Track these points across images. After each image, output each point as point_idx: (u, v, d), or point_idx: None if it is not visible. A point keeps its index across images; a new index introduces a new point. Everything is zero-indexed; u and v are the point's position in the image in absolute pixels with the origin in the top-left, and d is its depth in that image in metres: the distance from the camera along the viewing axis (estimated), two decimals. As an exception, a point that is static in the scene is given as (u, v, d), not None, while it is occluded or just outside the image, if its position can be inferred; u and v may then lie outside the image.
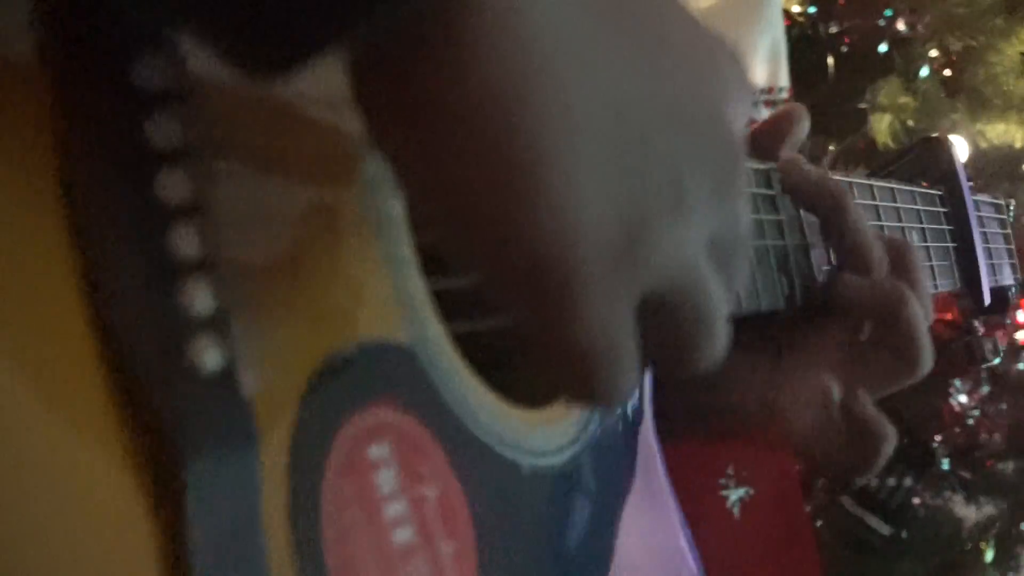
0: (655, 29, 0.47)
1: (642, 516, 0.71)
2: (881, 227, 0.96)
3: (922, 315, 0.81)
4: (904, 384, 0.82)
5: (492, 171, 0.42)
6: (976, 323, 2.13)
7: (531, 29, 0.41)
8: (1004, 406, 2.24)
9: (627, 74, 0.45)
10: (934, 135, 1.13)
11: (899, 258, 0.84)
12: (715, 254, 0.50)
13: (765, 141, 0.88)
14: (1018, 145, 2.35)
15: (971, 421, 2.16)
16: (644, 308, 0.47)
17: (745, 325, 0.77)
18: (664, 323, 0.49)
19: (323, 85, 0.45)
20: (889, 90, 2.06)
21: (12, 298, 0.40)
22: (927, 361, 0.81)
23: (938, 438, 2.15)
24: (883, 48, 2.17)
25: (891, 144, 2.01)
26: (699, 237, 0.49)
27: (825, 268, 0.86)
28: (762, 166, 0.85)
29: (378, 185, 0.55)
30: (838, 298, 0.82)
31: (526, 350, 0.47)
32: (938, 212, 1.07)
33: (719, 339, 0.51)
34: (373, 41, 0.40)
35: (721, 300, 0.51)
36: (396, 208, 0.56)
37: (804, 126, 0.89)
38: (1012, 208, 1.34)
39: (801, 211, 0.86)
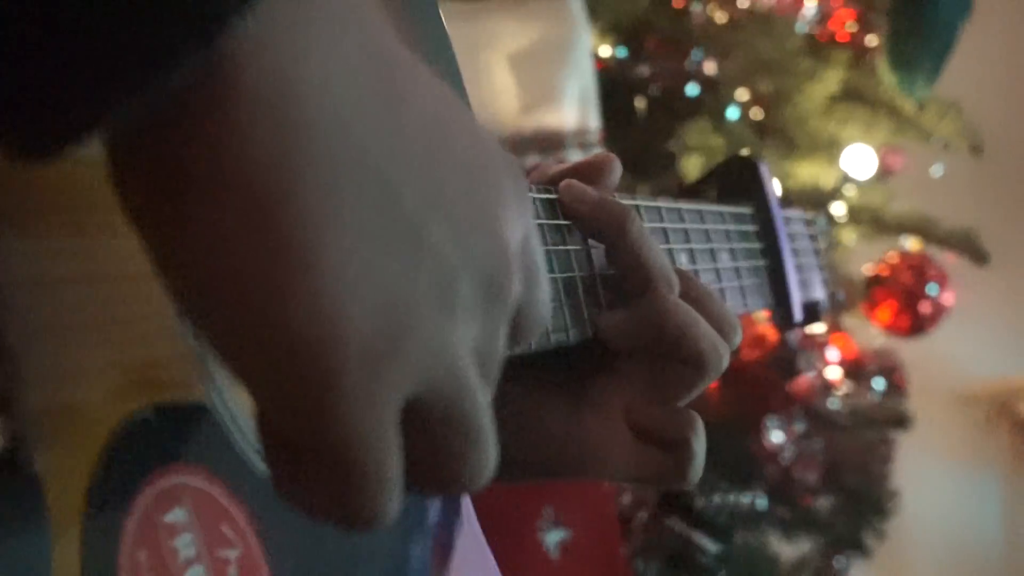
0: (437, 126, 0.46)
1: (471, 562, 0.71)
2: (691, 250, 0.96)
3: (689, 315, 0.78)
4: (707, 382, 0.79)
5: (249, 253, 0.40)
6: (791, 338, 2.18)
7: (301, 105, 0.40)
8: (819, 443, 2.29)
9: (402, 163, 0.43)
10: (740, 154, 1.14)
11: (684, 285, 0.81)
12: (479, 359, 0.49)
13: (576, 175, 0.82)
14: (826, 186, 2.41)
15: (786, 458, 2.19)
16: (406, 420, 0.45)
17: (540, 365, 0.78)
18: (429, 433, 0.47)
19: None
20: (698, 131, 2.09)
21: None
22: (717, 356, 0.78)
23: (751, 469, 2.19)
24: (692, 90, 2.20)
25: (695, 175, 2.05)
26: (466, 341, 0.47)
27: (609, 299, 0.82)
28: (550, 195, 0.80)
29: None
30: (609, 336, 0.79)
31: (292, 474, 0.45)
32: (748, 230, 1.08)
33: (487, 452, 0.49)
34: (132, 121, 0.38)
35: (484, 404, 0.49)
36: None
37: (615, 177, 0.85)
38: (821, 222, 1.36)
39: (589, 240, 0.81)
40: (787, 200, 1.20)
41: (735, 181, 1.10)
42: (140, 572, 0.48)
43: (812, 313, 1.16)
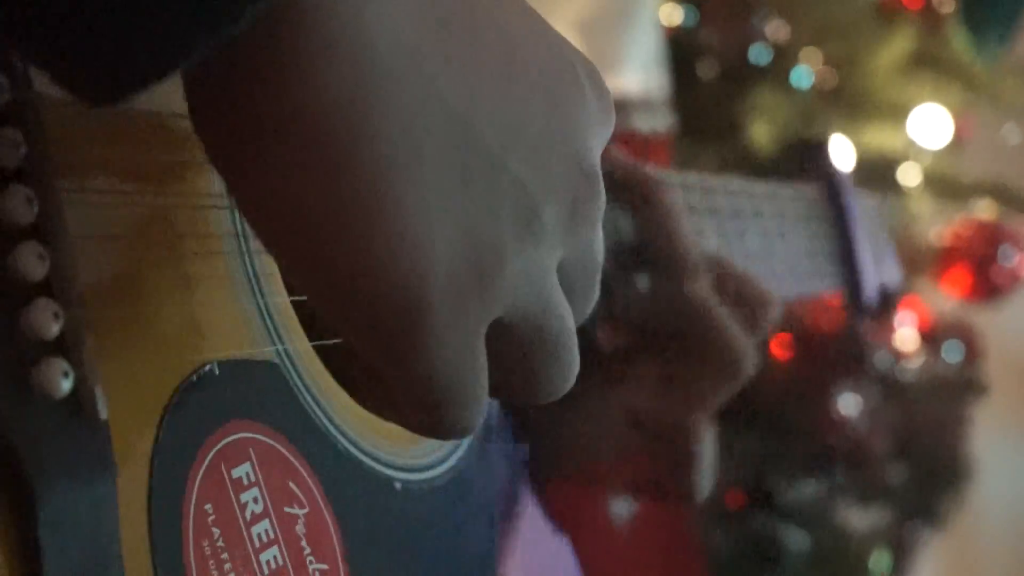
0: (510, 47, 0.45)
1: (538, 529, 0.71)
2: (744, 230, 0.95)
3: (712, 309, 0.72)
4: (725, 390, 0.72)
5: (329, 197, 0.40)
6: (861, 325, 2.16)
7: (375, 44, 0.40)
8: (892, 412, 2.27)
9: (477, 95, 0.43)
10: (810, 137, 1.15)
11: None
12: (566, 279, 0.49)
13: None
14: (895, 151, 2.38)
15: (859, 428, 2.18)
16: (491, 336, 0.46)
17: None
18: (512, 351, 0.48)
19: (166, 100, 0.44)
20: (765, 97, 2.08)
21: None
22: (738, 360, 0.72)
23: (827, 446, 2.17)
24: (759, 56, 2.18)
25: (769, 152, 2.03)
26: (550, 263, 0.47)
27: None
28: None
29: None
30: (633, 317, 0.74)
31: (372, 380, 0.46)
32: (817, 212, 1.08)
33: (569, 366, 0.50)
34: (207, 63, 0.38)
35: (571, 327, 0.49)
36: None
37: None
38: (893, 203, 1.35)
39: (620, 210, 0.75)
40: (858, 177, 1.19)
41: (805, 161, 1.10)
42: (207, 525, 0.48)
43: (886, 296, 1.15)
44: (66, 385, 0.42)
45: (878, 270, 1.14)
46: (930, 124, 2.41)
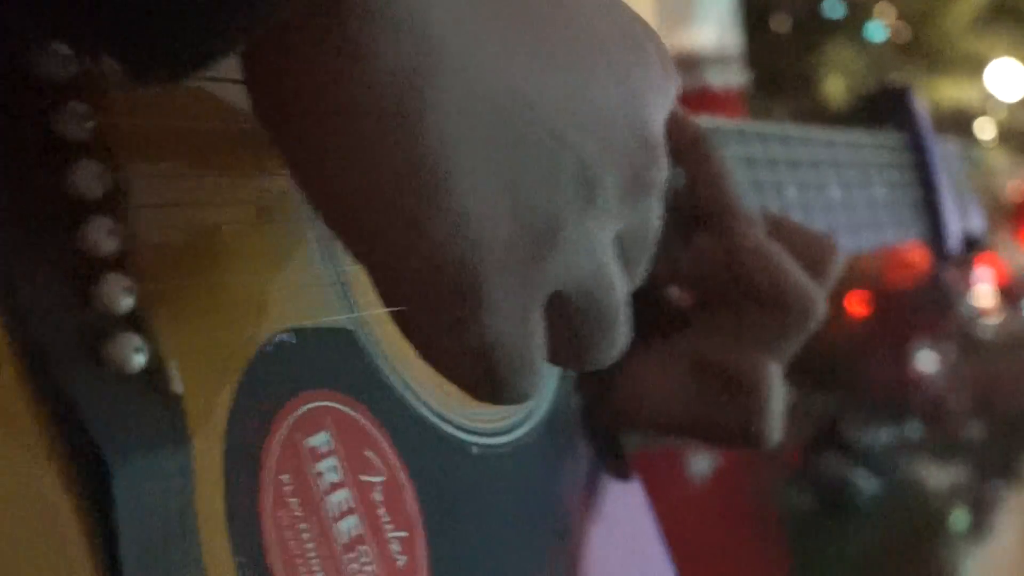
0: (571, 18, 0.45)
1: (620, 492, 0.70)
2: (838, 178, 0.94)
3: (774, 254, 0.70)
4: (793, 338, 0.70)
5: (387, 171, 0.40)
6: (945, 274, 2.14)
7: (431, 18, 0.40)
8: (970, 369, 2.26)
9: (537, 69, 0.43)
10: (892, 84, 1.14)
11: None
12: (622, 248, 0.49)
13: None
14: (971, 105, 2.36)
15: (937, 384, 2.17)
16: (549, 305, 0.46)
17: None
18: (565, 320, 0.47)
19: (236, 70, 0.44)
20: (839, 50, 2.06)
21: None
22: (806, 305, 0.69)
23: (905, 401, 2.16)
24: (833, 8, 2.17)
25: (842, 105, 2.02)
26: (608, 234, 0.47)
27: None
28: None
29: None
30: (690, 270, 0.72)
31: (431, 345, 0.46)
32: (900, 159, 1.06)
33: (621, 335, 0.50)
34: (266, 38, 0.38)
35: (624, 296, 0.49)
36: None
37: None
38: (977, 152, 1.33)
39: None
40: (941, 128, 1.18)
41: (885, 110, 1.09)
42: (283, 495, 0.48)
43: (969, 243, 1.13)
44: (139, 360, 0.42)
45: (962, 217, 1.13)
46: (1006, 78, 2.38)
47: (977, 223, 1.19)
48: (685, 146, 0.71)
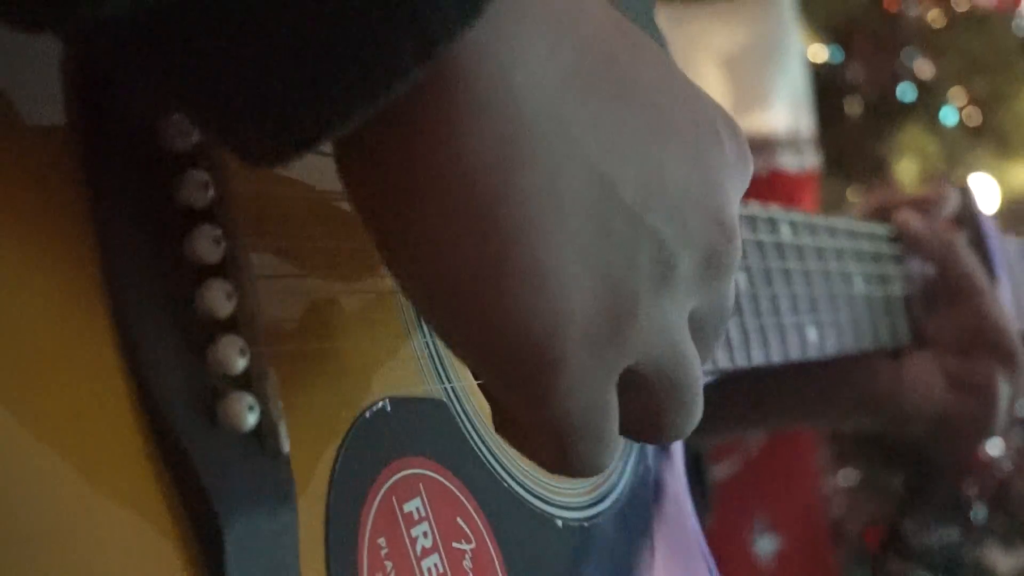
0: (651, 104, 0.46)
1: (674, 573, 0.71)
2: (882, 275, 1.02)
3: (1010, 319, 1.03)
4: (1010, 371, 1.02)
5: (473, 253, 0.41)
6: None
7: (520, 107, 0.41)
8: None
9: (618, 151, 0.44)
10: (955, 179, 1.21)
11: None
12: (696, 326, 0.50)
13: (908, 206, 1.07)
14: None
15: (1004, 469, 2.14)
16: (624, 381, 0.47)
17: None
18: (643, 396, 0.49)
19: None
20: (912, 134, 2.06)
21: (48, 365, 0.40)
22: (1019, 356, 1.02)
23: (972, 489, 2.14)
24: (906, 92, 2.16)
25: (916, 189, 2.01)
26: (683, 313, 0.48)
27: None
28: (887, 231, 1.01)
29: None
30: (936, 336, 1.04)
31: (514, 425, 0.47)
32: None
33: (694, 410, 0.51)
34: (362, 125, 0.39)
35: (698, 373, 0.50)
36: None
37: (951, 208, 1.10)
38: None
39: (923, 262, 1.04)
40: (1005, 215, 1.28)
41: (949, 208, 1.11)
42: (380, 558, 0.49)
43: None
44: (252, 419, 0.44)
45: (1021, 317, 1.14)
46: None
47: None
48: (941, 247, 1.04)
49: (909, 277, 1.03)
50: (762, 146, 1.73)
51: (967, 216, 1.12)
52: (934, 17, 2.22)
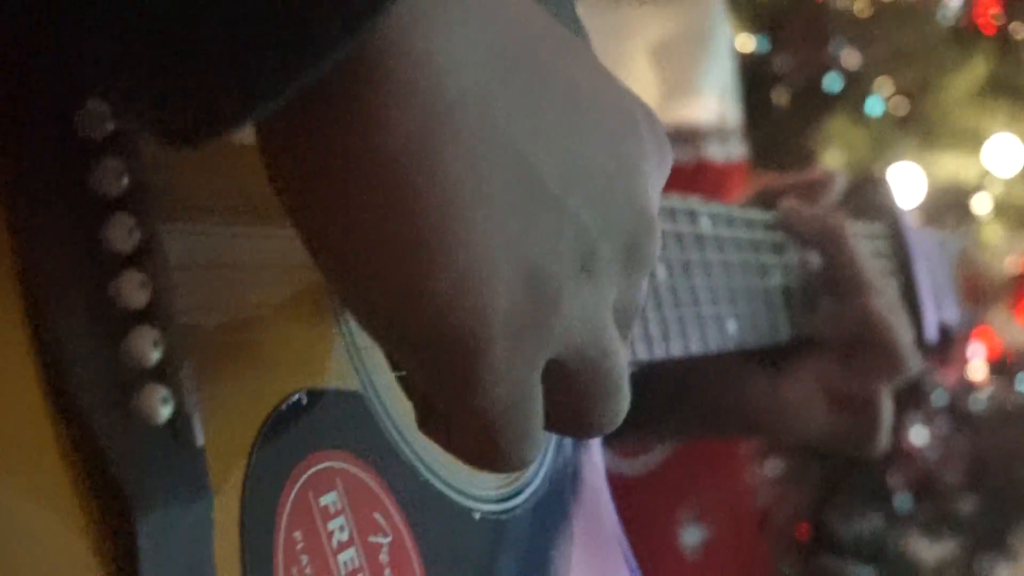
0: (573, 94, 0.46)
1: (591, 564, 0.71)
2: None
3: (896, 320, 0.95)
4: (897, 382, 0.95)
5: (395, 235, 0.41)
6: (922, 363, 2.14)
7: (443, 88, 0.41)
8: (962, 442, 2.25)
9: (540, 137, 0.44)
10: (871, 175, 1.19)
11: None
12: (618, 318, 0.50)
13: (788, 191, 1.00)
14: (968, 179, 2.36)
15: (929, 458, 2.16)
16: (548, 373, 0.47)
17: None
18: (568, 388, 0.48)
19: None
20: (839, 124, 2.07)
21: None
22: (911, 361, 0.95)
23: (897, 479, 2.16)
24: (833, 83, 2.18)
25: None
26: (606, 303, 0.48)
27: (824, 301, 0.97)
28: (754, 215, 0.93)
29: None
30: (823, 331, 0.96)
31: (438, 421, 0.47)
32: (881, 249, 1.08)
33: (620, 402, 0.51)
34: (281, 106, 0.39)
35: (623, 364, 0.50)
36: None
37: (836, 193, 1.02)
38: (961, 244, 1.35)
39: (808, 252, 0.97)
40: (931, 206, 1.25)
41: (866, 200, 1.11)
42: (296, 551, 0.49)
43: (945, 334, 1.16)
44: (166, 412, 0.43)
45: (938, 309, 1.15)
46: (1003, 153, 2.39)
47: (952, 314, 1.21)
48: (825, 234, 0.95)
49: (788, 267, 0.97)
50: (689, 136, 1.74)
51: (884, 208, 1.12)
52: (861, 7, 2.23)
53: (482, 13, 0.42)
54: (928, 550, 2.39)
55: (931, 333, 1.11)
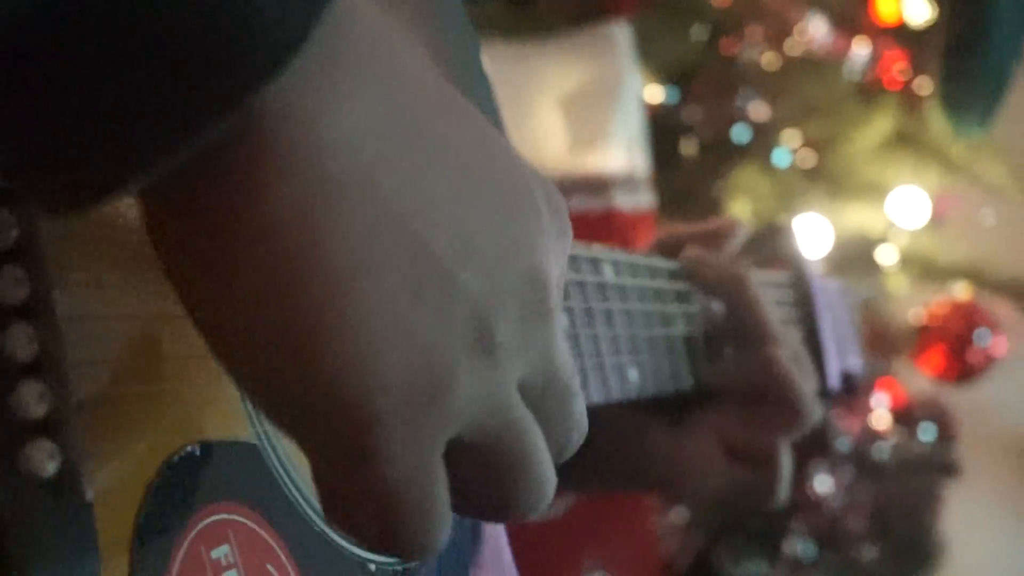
0: (466, 164, 0.46)
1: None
2: None
3: (797, 373, 0.91)
4: (797, 435, 0.92)
5: (279, 314, 0.41)
6: (825, 411, 2.16)
7: (329, 163, 0.40)
8: (866, 491, 2.27)
9: (432, 212, 0.43)
10: (776, 222, 1.18)
11: None
12: (532, 398, 0.49)
13: (691, 241, 0.97)
14: (875, 231, 2.39)
15: (834, 506, 2.18)
16: (455, 452, 0.46)
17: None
18: (474, 469, 0.47)
19: None
20: (746, 176, 2.09)
21: None
22: (812, 414, 0.92)
23: (800, 527, 2.17)
24: (741, 134, 2.20)
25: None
26: (508, 380, 0.47)
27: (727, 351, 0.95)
28: (659, 262, 0.91)
29: None
30: (724, 382, 0.94)
31: (339, 506, 0.46)
32: (785, 298, 1.09)
33: (538, 485, 0.49)
34: (161, 176, 0.38)
35: (536, 444, 0.49)
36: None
37: (739, 241, 0.99)
38: (863, 296, 1.37)
39: (711, 301, 0.95)
40: (837, 256, 1.24)
41: (771, 248, 1.12)
42: None
43: (848, 382, 1.17)
44: (52, 466, 0.43)
45: (841, 357, 1.16)
46: (908, 204, 2.43)
47: (855, 362, 1.22)
48: (727, 283, 0.93)
49: (691, 316, 0.94)
50: (598, 185, 1.75)
51: (788, 256, 1.12)
52: (769, 61, 2.26)
53: (376, 86, 0.42)
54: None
55: (833, 381, 1.11)
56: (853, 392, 1.22)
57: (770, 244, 1.12)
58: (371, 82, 0.42)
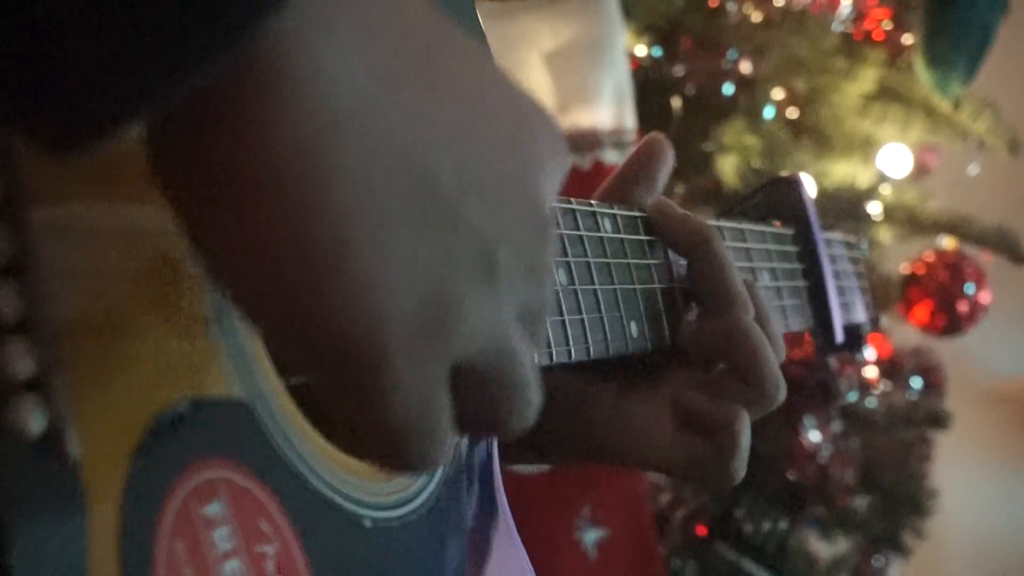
0: (467, 98, 0.47)
1: (507, 561, 0.71)
2: (760, 268, 0.98)
3: (763, 343, 0.83)
4: (759, 412, 0.83)
5: (288, 244, 0.41)
6: (830, 361, 2.17)
7: (331, 98, 0.41)
8: (856, 442, 2.28)
9: (434, 146, 0.44)
10: (783, 174, 1.14)
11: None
12: (524, 321, 0.51)
13: (629, 181, 0.88)
14: (861, 185, 2.39)
15: (823, 458, 2.18)
16: (456, 377, 0.48)
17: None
18: (476, 391, 0.49)
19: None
20: (734, 131, 2.09)
21: None
22: (777, 390, 0.83)
23: (792, 476, 2.18)
24: (728, 90, 2.20)
25: (737, 185, 2.04)
26: (509, 307, 0.49)
27: (689, 313, 0.88)
28: (634, 212, 0.86)
29: None
30: (686, 343, 0.85)
31: (338, 419, 0.47)
32: (790, 251, 1.08)
33: (531, 403, 0.52)
34: (166, 114, 0.39)
35: (531, 365, 0.51)
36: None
37: (667, 159, 0.90)
38: (865, 246, 1.36)
39: (670, 254, 0.87)
40: (823, 210, 1.19)
41: (777, 201, 1.10)
42: (177, 563, 0.48)
43: (854, 336, 1.15)
44: (39, 424, 0.43)
45: (846, 309, 1.15)
46: (893, 158, 2.43)
47: (861, 315, 1.21)
48: (692, 240, 0.84)
49: (661, 269, 0.87)
50: (586, 142, 1.75)
51: (796, 209, 1.10)
52: (753, 15, 2.26)
53: (376, 24, 0.42)
54: (824, 548, 2.42)
55: (839, 335, 1.10)
56: (859, 346, 1.20)
57: (777, 195, 1.11)
58: (372, 18, 0.42)
